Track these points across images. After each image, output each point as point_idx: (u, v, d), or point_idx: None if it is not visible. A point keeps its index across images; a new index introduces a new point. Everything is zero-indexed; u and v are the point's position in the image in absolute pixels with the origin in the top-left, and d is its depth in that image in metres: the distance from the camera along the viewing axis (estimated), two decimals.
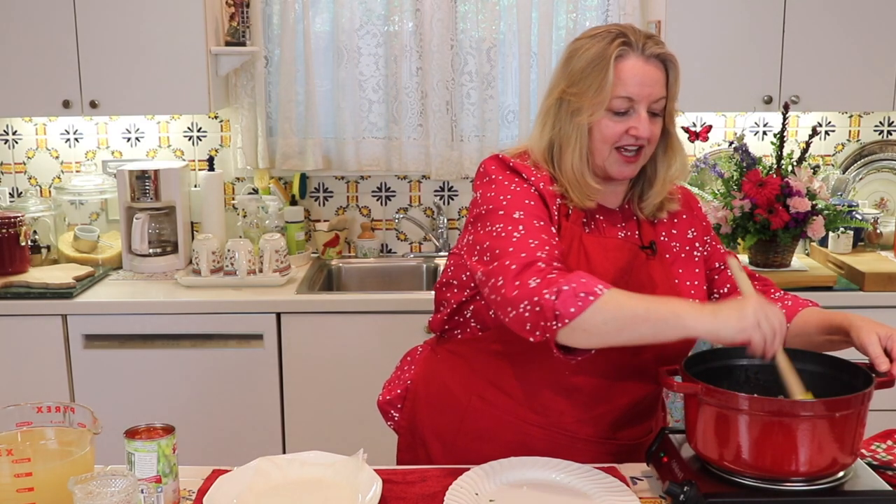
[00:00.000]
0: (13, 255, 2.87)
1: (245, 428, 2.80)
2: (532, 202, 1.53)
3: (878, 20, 2.87)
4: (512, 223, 1.50)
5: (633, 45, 1.51)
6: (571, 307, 1.35)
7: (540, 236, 1.48)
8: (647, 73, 1.51)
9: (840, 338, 1.49)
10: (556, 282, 1.38)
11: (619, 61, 1.51)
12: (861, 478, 1.36)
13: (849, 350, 1.46)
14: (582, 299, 1.35)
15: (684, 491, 1.32)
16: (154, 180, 3.02)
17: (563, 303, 1.36)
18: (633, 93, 1.51)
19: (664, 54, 1.53)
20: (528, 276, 1.41)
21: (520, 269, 1.43)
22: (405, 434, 1.75)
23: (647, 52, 1.52)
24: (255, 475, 1.47)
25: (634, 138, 1.53)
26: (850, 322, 1.47)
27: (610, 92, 1.50)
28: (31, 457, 1.29)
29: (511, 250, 1.46)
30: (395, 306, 2.75)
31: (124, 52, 2.86)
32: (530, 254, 1.44)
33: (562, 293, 1.36)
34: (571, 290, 1.36)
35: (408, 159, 3.21)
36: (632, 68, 1.51)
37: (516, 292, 1.41)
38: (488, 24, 3.12)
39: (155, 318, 2.74)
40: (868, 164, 3.28)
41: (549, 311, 1.36)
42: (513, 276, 1.42)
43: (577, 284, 1.37)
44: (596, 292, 1.36)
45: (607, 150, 1.54)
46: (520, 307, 1.40)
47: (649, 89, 1.51)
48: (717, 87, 2.91)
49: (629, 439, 1.63)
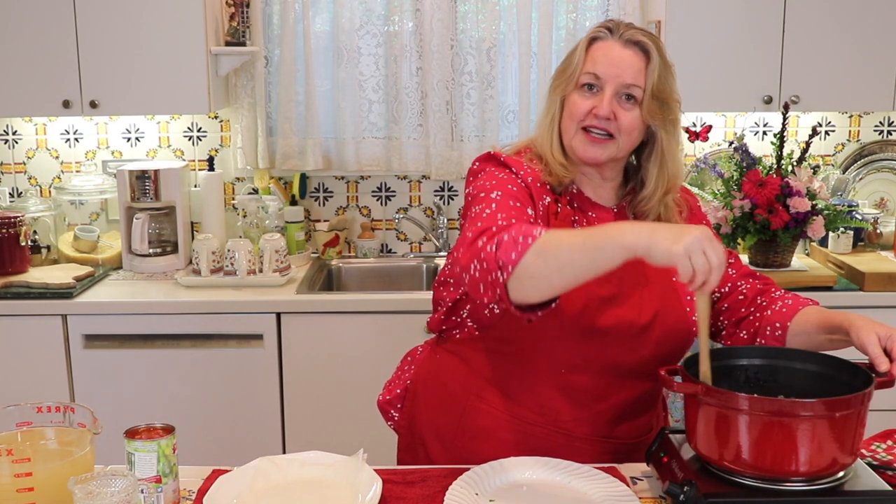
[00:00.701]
0: (13, 255, 2.87)
1: (245, 428, 2.80)
2: (514, 188, 1.54)
3: (878, 20, 2.87)
4: (487, 202, 1.50)
5: (612, 31, 1.56)
6: (512, 252, 1.34)
7: (510, 212, 1.47)
8: (619, 55, 1.54)
9: (840, 337, 1.48)
10: (497, 234, 1.38)
11: (594, 42, 1.56)
12: (861, 478, 1.36)
13: (849, 350, 1.46)
14: (521, 243, 1.34)
15: (684, 491, 1.32)
16: (154, 180, 3.02)
17: (505, 251, 1.35)
18: (601, 71, 1.54)
19: (643, 42, 1.54)
20: (479, 240, 1.41)
21: (475, 235, 1.43)
22: (405, 434, 1.76)
23: (624, 36, 1.55)
24: (255, 475, 1.46)
25: (595, 117, 1.53)
26: (850, 321, 1.46)
27: (579, 68, 1.55)
28: (31, 457, 1.29)
29: (479, 224, 1.45)
30: (395, 306, 2.75)
31: (124, 52, 2.86)
32: (489, 223, 1.44)
33: (502, 243, 1.36)
34: (511, 238, 1.35)
35: (408, 159, 3.21)
36: (603, 48, 1.55)
37: (467, 255, 1.41)
38: (488, 24, 3.12)
39: (155, 318, 2.74)
40: (868, 164, 3.29)
41: (492, 263, 1.35)
42: (468, 243, 1.42)
43: (515, 231, 1.36)
44: (534, 234, 1.35)
45: (573, 129, 1.56)
46: (471, 268, 1.40)
47: (618, 70, 1.53)
48: (717, 87, 2.91)
49: (627, 437, 1.63)
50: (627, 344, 1.54)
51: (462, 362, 1.67)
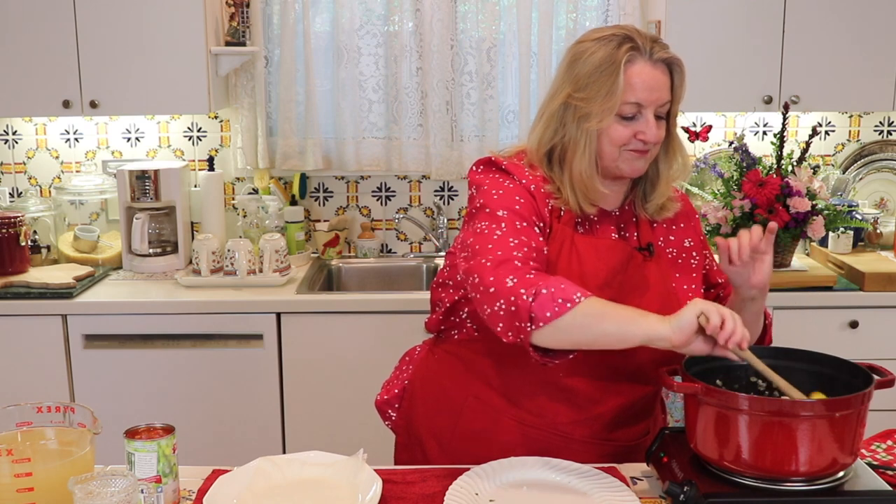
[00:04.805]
0: (13, 255, 2.87)
1: (245, 428, 2.80)
2: (521, 199, 1.53)
3: (878, 20, 2.87)
4: (495, 221, 1.51)
5: (641, 50, 1.50)
6: (548, 311, 1.35)
7: (520, 237, 1.48)
8: (654, 77, 1.51)
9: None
10: (535, 283, 1.38)
11: (628, 66, 1.50)
12: (861, 478, 1.36)
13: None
14: (559, 305, 1.35)
15: (684, 491, 1.32)
16: (154, 180, 3.02)
17: (540, 306, 1.36)
18: (643, 98, 1.50)
19: (670, 59, 1.53)
20: (504, 275, 1.41)
21: (495, 266, 1.43)
22: (402, 434, 1.76)
23: (654, 56, 1.51)
24: (255, 475, 1.47)
25: (642, 142, 1.53)
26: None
27: (620, 98, 1.50)
28: (31, 457, 1.29)
29: (490, 247, 1.47)
30: (395, 306, 2.75)
31: (124, 52, 2.86)
32: (506, 252, 1.45)
33: (540, 296, 1.36)
34: (549, 295, 1.36)
35: (408, 159, 3.21)
36: (640, 73, 1.50)
37: (493, 289, 1.41)
38: (488, 24, 3.12)
39: (155, 318, 2.74)
40: (868, 164, 3.28)
41: (524, 313, 1.37)
42: (488, 272, 1.43)
43: (555, 290, 1.37)
44: (574, 300, 1.36)
45: (617, 152, 1.54)
46: (496, 305, 1.40)
47: (657, 94, 1.51)
48: (717, 87, 2.91)
49: (625, 440, 1.63)
50: (626, 348, 1.54)
51: (460, 363, 1.67)
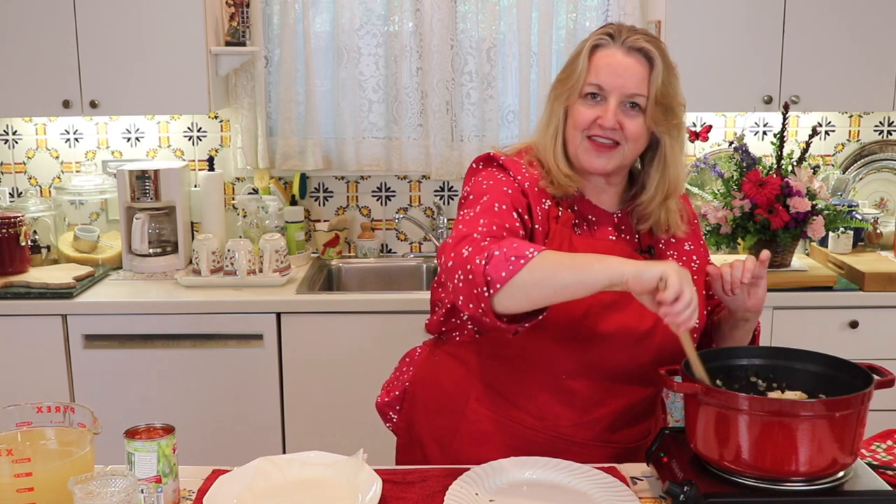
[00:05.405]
0: (13, 255, 2.87)
1: (245, 428, 2.80)
2: (509, 190, 1.53)
3: (878, 20, 2.87)
4: (473, 206, 1.51)
5: (614, 37, 1.53)
6: (503, 271, 1.34)
7: (493, 217, 1.47)
8: (623, 64, 1.51)
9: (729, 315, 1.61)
10: (487, 248, 1.38)
11: (596, 50, 1.53)
12: (861, 478, 1.36)
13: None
14: (513, 263, 1.34)
15: (684, 491, 1.32)
16: (154, 180, 3.02)
17: (494, 268, 1.35)
18: (604, 81, 1.51)
19: (646, 48, 1.51)
20: (461, 247, 1.41)
21: (455, 242, 1.43)
22: (403, 436, 1.76)
23: (626, 43, 1.52)
24: (255, 475, 1.47)
25: (600, 128, 1.52)
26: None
27: (582, 78, 1.52)
28: (31, 457, 1.29)
29: (461, 227, 1.47)
30: (395, 306, 2.75)
31: (124, 52, 2.86)
32: (471, 228, 1.45)
33: (493, 258, 1.36)
34: (502, 255, 1.35)
35: (408, 159, 3.21)
36: (606, 57, 1.52)
37: (451, 263, 1.41)
38: (488, 24, 3.12)
39: (155, 318, 2.74)
40: (868, 164, 3.29)
41: (480, 278, 1.35)
42: (450, 249, 1.43)
43: (507, 249, 1.36)
44: (527, 255, 1.34)
45: (579, 137, 1.55)
46: (455, 278, 1.40)
47: (621, 80, 1.51)
48: (717, 87, 2.91)
49: (626, 442, 1.62)
50: (628, 350, 1.54)
51: (461, 365, 1.66)
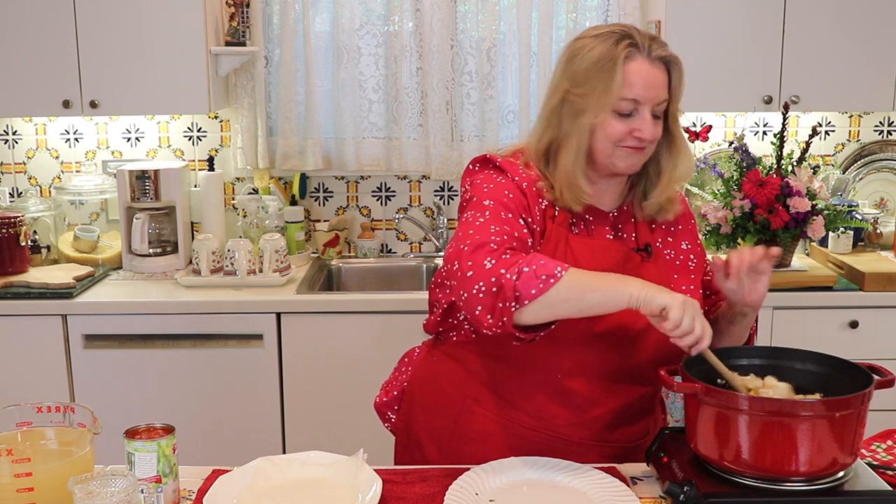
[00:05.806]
0: (13, 255, 2.87)
1: (245, 428, 2.80)
2: (510, 194, 1.54)
3: (878, 20, 2.87)
4: (480, 210, 1.51)
5: (639, 47, 1.50)
6: (533, 289, 1.36)
7: (503, 225, 1.49)
8: (652, 75, 1.51)
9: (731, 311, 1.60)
10: (514, 262, 1.39)
11: (627, 63, 1.50)
12: (861, 478, 1.36)
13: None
14: (544, 281, 1.36)
15: (684, 491, 1.32)
16: (154, 180, 3.02)
17: (525, 284, 1.36)
18: (639, 95, 1.50)
19: (668, 56, 1.53)
20: (482, 257, 1.41)
21: (472, 250, 1.43)
22: (401, 436, 1.76)
23: (652, 54, 1.51)
24: (255, 475, 1.47)
25: (637, 140, 1.52)
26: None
27: (617, 93, 1.49)
28: (31, 457, 1.29)
29: (470, 233, 1.47)
30: (395, 306, 2.75)
31: (124, 52, 2.86)
32: (484, 236, 1.45)
33: (523, 274, 1.37)
34: (532, 272, 1.37)
35: (408, 159, 3.21)
36: (638, 71, 1.50)
37: (470, 273, 1.41)
38: (488, 24, 3.12)
39: (155, 318, 2.74)
40: (868, 164, 3.28)
41: (509, 292, 1.36)
42: (466, 257, 1.43)
43: (537, 266, 1.38)
44: (557, 275, 1.37)
45: (611, 148, 1.54)
46: (474, 288, 1.40)
47: (654, 92, 1.51)
48: (717, 87, 2.91)
49: (625, 441, 1.62)
50: (625, 348, 1.54)
51: (458, 365, 1.66)
